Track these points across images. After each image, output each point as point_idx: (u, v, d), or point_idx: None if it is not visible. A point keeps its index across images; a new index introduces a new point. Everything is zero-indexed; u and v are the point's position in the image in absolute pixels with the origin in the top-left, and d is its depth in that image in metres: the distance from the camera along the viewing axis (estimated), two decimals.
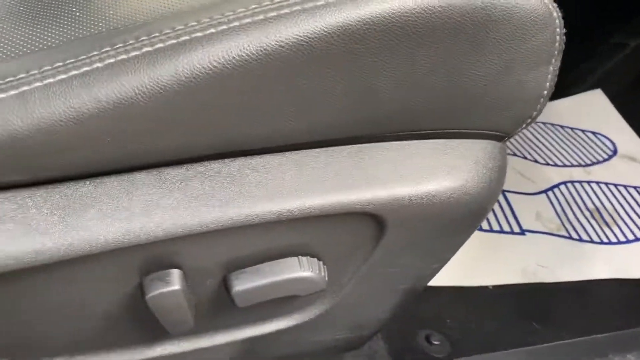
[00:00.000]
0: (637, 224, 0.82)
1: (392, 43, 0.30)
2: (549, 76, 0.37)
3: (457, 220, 0.39)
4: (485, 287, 0.69)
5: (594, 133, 1.01)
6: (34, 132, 0.28)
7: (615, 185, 0.90)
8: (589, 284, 0.72)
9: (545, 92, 0.38)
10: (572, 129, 1.02)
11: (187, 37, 0.28)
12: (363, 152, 0.36)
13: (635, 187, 0.89)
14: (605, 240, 0.79)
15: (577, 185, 0.89)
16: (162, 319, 0.35)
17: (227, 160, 0.34)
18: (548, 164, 0.93)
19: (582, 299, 0.70)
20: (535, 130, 1.01)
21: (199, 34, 0.28)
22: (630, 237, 0.80)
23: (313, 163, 0.34)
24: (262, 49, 0.28)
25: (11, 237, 0.30)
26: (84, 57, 0.29)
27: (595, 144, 0.99)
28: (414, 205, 0.36)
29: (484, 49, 0.33)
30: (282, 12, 0.28)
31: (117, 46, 0.29)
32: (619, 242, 0.79)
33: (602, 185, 0.90)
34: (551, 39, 0.35)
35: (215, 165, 0.34)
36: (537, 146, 0.97)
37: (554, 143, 0.98)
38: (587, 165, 0.94)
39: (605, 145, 0.99)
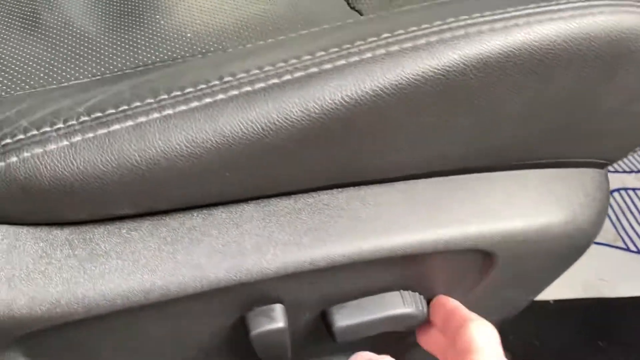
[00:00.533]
0: None
1: (528, 73, 0.28)
2: None
3: (564, 254, 0.37)
4: (547, 302, 0.67)
5: None
6: (151, 166, 0.26)
7: None
8: None
9: None
10: None
11: (316, 69, 0.26)
12: (473, 182, 0.34)
13: None
14: None
15: (630, 192, 0.87)
16: (262, 354, 0.34)
17: (335, 192, 0.32)
18: None
19: None
20: None
21: (328, 66, 0.26)
22: None
23: (424, 196, 0.33)
24: (397, 83, 0.26)
25: (119, 275, 0.28)
26: (204, 86, 0.27)
27: None
28: (527, 240, 0.34)
29: (615, 80, 0.31)
30: (419, 42, 0.26)
31: (240, 76, 0.27)
32: None
33: None
34: None
35: (324, 196, 0.32)
36: None
37: None
38: (639, 171, 0.92)
39: None
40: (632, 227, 0.82)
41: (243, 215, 0.30)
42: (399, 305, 0.34)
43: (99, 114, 0.27)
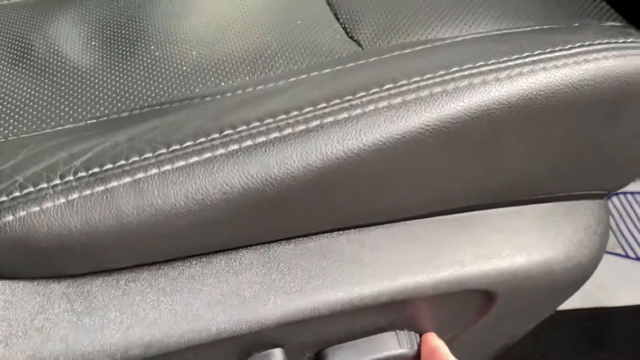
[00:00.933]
0: None
1: (533, 120, 0.28)
2: None
3: (563, 288, 0.37)
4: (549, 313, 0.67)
5: None
6: (149, 224, 0.26)
7: None
8: None
9: None
10: None
11: (317, 122, 0.26)
12: (474, 221, 0.34)
13: None
14: None
15: (629, 197, 0.87)
16: None
17: (335, 234, 0.32)
18: None
19: None
20: None
21: (330, 119, 0.26)
22: None
23: (425, 237, 0.32)
24: (399, 135, 0.26)
25: (118, 329, 0.28)
26: (204, 139, 0.26)
27: None
28: (527, 277, 0.34)
29: (620, 119, 0.31)
30: (422, 94, 0.26)
31: (240, 129, 0.26)
32: None
33: None
34: None
35: (324, 240, 0.31)
36: None
37: None
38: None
39: None
40: (632, 234, 0.82)
41: (242, 263, 0.30)
42: (395, 346, 0.34)
43: (97, 169, 0.26)
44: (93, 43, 0.37)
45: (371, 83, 0.27)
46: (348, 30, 0.37)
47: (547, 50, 0.27)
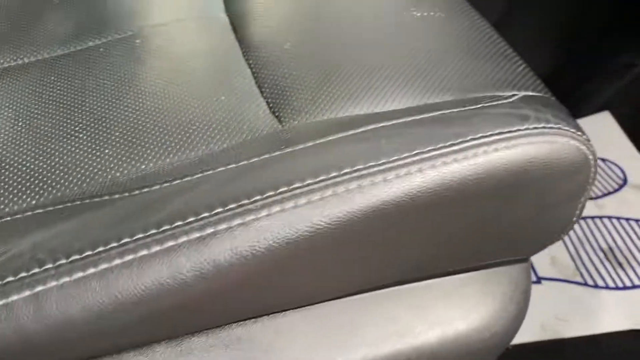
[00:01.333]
0: None
1: (427, 214, 0.29)
2: (580, 205, 0.36)
3: (483, 357, 0.38)
4: (506, 348, 0.68)
5: (603, 160, 1.00)
6: (49, 335, 0.27)
7: (627, 220, 0.89)
8: (608, 337, 0.71)
9: (575, 218, 0.37)
10: None
11: (212, 230, 0.26)
12: (387, 297, 0.35)
13: None
14: (620, 285, 0.79)
15: (589, 222, 0.88)
16: None
17: (249, 323, 0.32)
18: None
19: (602, 355, 0.69)
20: None
21: (224, 226, 0.27)
22: None
23: (339, 318, 0.33)
24: (290, 238, 0.27)
25: None
26: (102, 249, 0.27)
27: (605, 172, 0.98)
28: (442, 350, 0.35)
29: (521, 201, 0.32)
30: (314, 198, 0.27)
31: (137, 237, 0.27)
32: (635, 287, 0.79)
33: (615, 221, 0.89)
34: (585, 179, 0.34)
35: (237, 329, 0.32)
36: None
37: None
38: (598, 197, 0.93)
39: (615, 174, 0.98)
40: (591, 259, 0.84)
41: (155, 358, 0.31)
42: None
43: None
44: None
45: (268, 186, 0.28)
46: (271, 105, 0.38)
47: (439, 146, 0.28)
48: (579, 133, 0.33)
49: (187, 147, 0.34)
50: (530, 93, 0.37)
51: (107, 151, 0.35)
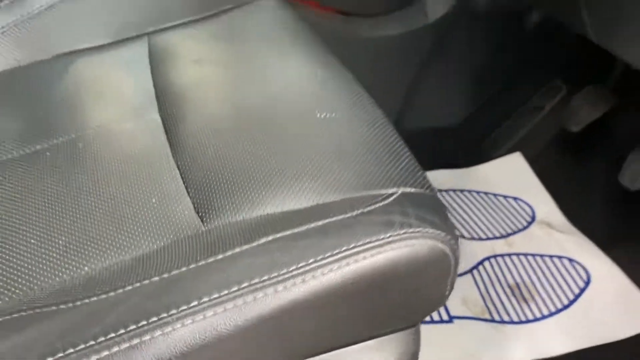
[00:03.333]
0: (552, 297, 0.94)
1: (313, 313, 0.38)
2: (448, 284, 0.46)
3: None
4: None
5: (514, 199, 1.13)
6: None
7: (534, 256, 1.01)
8: None
9: (447, 292, 0.47)
10: (494, 195, 1.13)
11: (138, 340, 0.35)
12: None
13: (550, 257, 1.01)
14: (524, 318, 0.91)
15: (499, 259, 1.00)
16: None
17: None
18: (473, 238, 1.04)
19: None
20: (460, 199, 1.12)
21: (147, 337, 0.35)
22: (546, 312, 0.92)
23: None
24: (200, 344, 0.35)
25: None
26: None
27: (516, 210, 1.11)
28: None
29: (395, 290, 0.41)
30: (218, 310, 0.35)
31: (79, 348, 0.34)
32: (536, 319, 0.91)
33: (522, 258, 1.01)
34: (447, 267, 0.43)
35: None
36: (463, 218, 1.08)
37: (477, 213, 1.09)
38: (508, 235, 1.05)
39: (525, 211, 1.10)
40: (498, 296, 0.95)
41: None
42: None
43: None
44: None
45: (182, 301, 0.36)
46: (196, 205, 0.46)
47: (319, 258, 0.38)
48: (438, 231, 0.43)
49: (122, 249, 0.42)
50: (409, 190, 0.47)
51: (53, 255, 0.43)
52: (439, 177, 1.15)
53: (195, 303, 0.35)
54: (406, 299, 0.43)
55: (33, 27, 0.66)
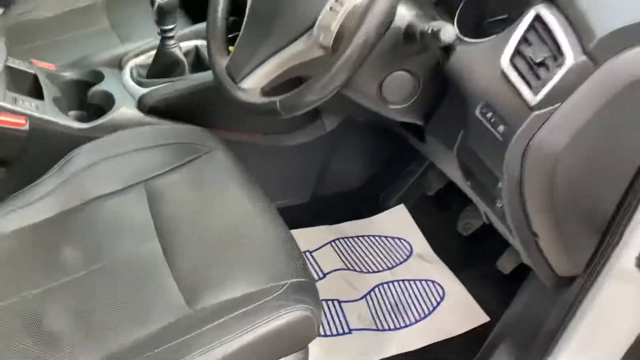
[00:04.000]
0: (418, 309, 1.43)
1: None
2: (314, 333, 0.93)
3: None
4: None
5: (398, 239, 1.61)
6: None
7: (409, 281, 1.50)
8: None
9: (315, 336, 0.94)
10: (385, 237, 1.61)
11: None
12: None
13: (420, 281, 1.50)
14: (398, 326, 1.39)
15: (385, 286, 1.48)
16: None
17: None
18: (368, 272, 1.52)
19: None
20: (362, 243, 1.59)
21: None
22: (413, 320, 1.40)
23: None
24: None
25: None
26: None
27: (399, 247, 1.59)
28: None
29: (281, 342, 0.88)
30: None
31: None
32: (407, 326, 1.39)
33: (401, 283, 1.49)
34: (312, 326, 0.90)
35: None
36: (362, 257, 1.55)
37: (372, 252, 1.57)
38: (393, 267, 1.54)
39: (405, 248, 1.59)
40: (383, 313, 1.42)
41: None
42: None
43: None
44: None
45: None
46: (179, 284, 0.92)
47: (239, 331, 0.83)
48: (310, 307, 0.89)
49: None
50: (296, 280, 0.93)
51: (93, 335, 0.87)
52: (346, 228, 1.62)
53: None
54: (290, 345, 0.89)
55: (73, 184, 1.10)
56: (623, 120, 0.76)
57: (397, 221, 1.65)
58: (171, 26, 1.24)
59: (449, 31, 0.74)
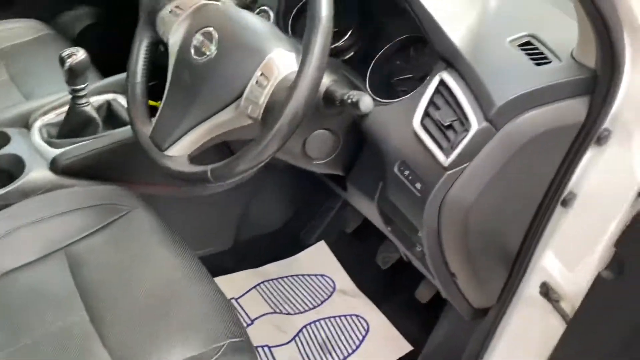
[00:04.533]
0: (345, 345, 1.48)
1: None
2: None
3: None
4: None
5: (321, 276, 1.67)
6: None
7: (335, 318, 1.55)
8: None
9: None
10: (308, 275, 1.66)
11: None
12: None
13: (345, 316, 1.56)
14: None
15: (312, 325, 1.53)
16: None
17: None
18: (295, 313, 1.55)
19: None
20: (286, 284, 1.63)
21: None
22: (341, 356, 1.46)
23: None
24: None
25: None
26: None
27: (323, 284, 1.64)
28: None
29: None
30: None
31: None
32: None
33: (327, 320, 1.55)
34: None
35: None
36: (287, 298, 1.59)
37: (297, 292, 1.61)
38: (318, 305, 1.59)
39: (329, 284, 1.65)
40: (312, 353, 1.47)
41: None
42: None
43: None
44: None
45: None
46: (112, 356, 0.91)
47: None
48: None
49: None
50: (232, 340, 0.95)
51: None
52: (270, 269, 1.66)
53: None
54: None
55: None
56: (521, 172, 0.86)
57: (318, 258, 1.70)
58: (82, 85, 1.23)
59: (366, 102, 0.81)
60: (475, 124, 0.80)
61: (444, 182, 0.83)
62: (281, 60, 0.85)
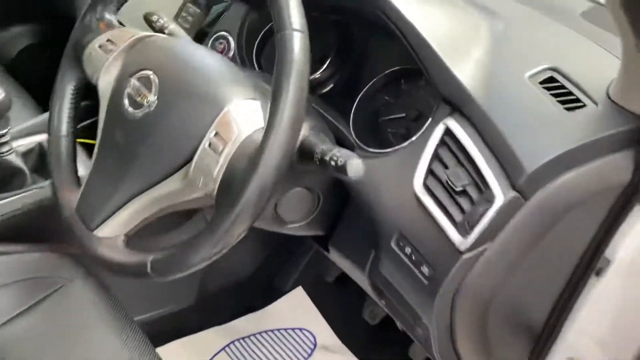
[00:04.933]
0: None
1: None
2: None
3: None
4: None
5: (300, 329, 1.47)
6: None
7: None
8: None
9: None
10: (285, 329, 1.47)
11: None
12: None
13: None
14: None
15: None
16: None
17: None
18: None
19: None
20: (259, 341, 1.43)
21: None
22: None
23: None
24: None
25: None
26: None
27: (302, 340, 1.45)
28: None
29: None
30: None
31: None
32: None
33: None
34: None
35: None
36: (261, 358, 1.39)
37: (273, 351, 1.41)
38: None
39: (309, 339, 1.45)
40: None
41: None
42: None
43: None
44: None
45: None
46: None
47: None
48: None
49: None
50: None
51: None
52: (241, 325, 1.45)
53: None
54: None
55: None
56: (553, 245, 0.68)
57: (296, 307, 1.50)
58: (4, 131, 1.01)
59: (356, 166, 0.62)
60: (501, 195, 0.61)
61: (459, 268, 0.64)
62: (243, 113, 0.65)
